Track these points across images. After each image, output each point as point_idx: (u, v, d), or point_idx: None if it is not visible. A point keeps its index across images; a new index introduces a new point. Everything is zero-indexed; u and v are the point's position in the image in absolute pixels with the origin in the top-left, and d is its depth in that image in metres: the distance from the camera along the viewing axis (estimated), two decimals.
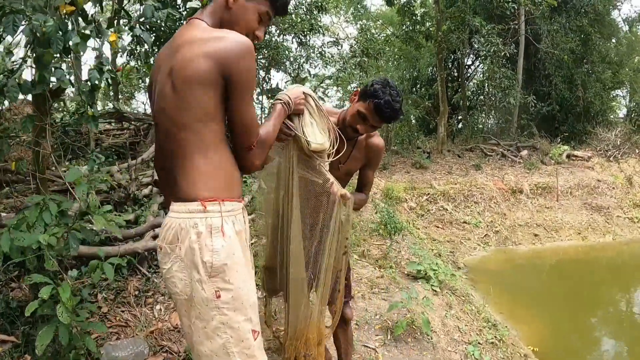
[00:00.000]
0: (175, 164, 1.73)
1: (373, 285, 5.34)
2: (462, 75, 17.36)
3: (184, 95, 1.65)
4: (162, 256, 1.75)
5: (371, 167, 2.90)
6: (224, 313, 1.67)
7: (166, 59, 1.76)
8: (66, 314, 2.54)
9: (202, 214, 1.66)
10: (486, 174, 12.17)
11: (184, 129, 1.68)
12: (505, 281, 7.61)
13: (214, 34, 1.71)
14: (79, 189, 2.87)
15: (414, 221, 9.35)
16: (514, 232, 9.86)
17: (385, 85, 2.53)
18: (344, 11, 21.42)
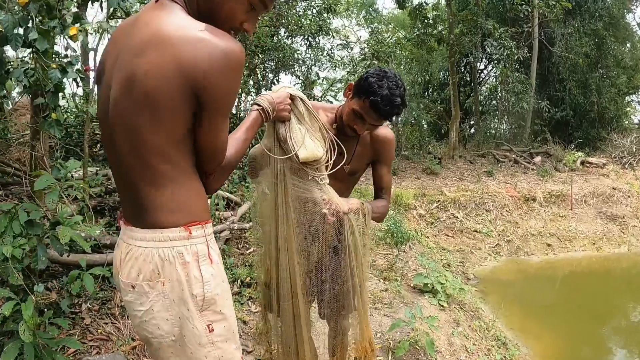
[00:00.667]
0: (143, 190, 1.41)
1: (376, 299, 5.11)
2: (475, 80, 17.07)
3: (151, 113, 1.32)
4: (136, 297, 1.44)
5: (384, 164, 2.55)
6: (218, 347, 1.48)
7: (127, 51, 1.37)
8: (28, 332, 2.40)
9: (186, 240, 1.41)
10: (498, 180, 11.89)
11: (155, 154, 1.36)
12: (516, 293, 7.33)
13: (192, 33, 1.31)
14: (49, 197, 2.69)
15: (423, 229, 9.11)
16: (526, 242, 9.55)
17: (381, 77, 2.18)
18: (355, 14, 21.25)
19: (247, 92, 11.40)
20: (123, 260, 1.46)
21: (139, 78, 1.31)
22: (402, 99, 2.20)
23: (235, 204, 6.62)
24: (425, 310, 4.92)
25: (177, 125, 1.35)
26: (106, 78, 1.46)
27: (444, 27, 15.61)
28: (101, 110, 1.49)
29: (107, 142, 1.49)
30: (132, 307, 1.46)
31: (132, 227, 1.45)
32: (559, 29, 15.44)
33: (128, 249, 1.45)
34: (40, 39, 2.67)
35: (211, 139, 1.42)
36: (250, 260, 5.17)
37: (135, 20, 1.44)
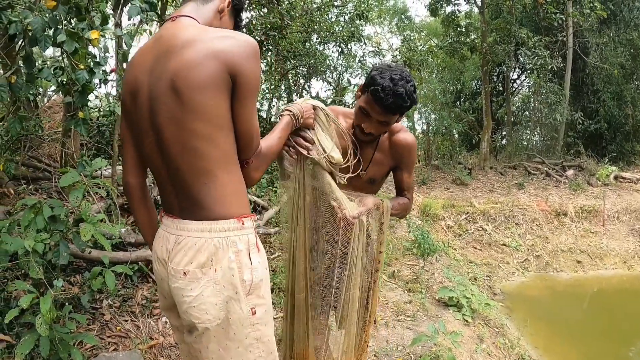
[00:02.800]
0: (195, 181, 1.57)
1: (399, 311, 5.05)
2: (507, 90, 16.85)
3: (197, 102, 1.50)
4: (187, 283, 1.57)
5: (404, 169, 2.51)
6: (257, 329, 1.64)
7: (158, 62, 1.57)
8: (45, 326, 2.47)
9: (239, 231, 1.59)
10: (529, 193, 11.68)
11: (206, 140, 1.54)
12: (543, 311, 7.15)
13: (217, 33, 1.58)
14: (73, 194, 2.77)
15: (451, 241, 8.98)
16: (555, 258, 9.32)
17: (384, 70, 2.17)
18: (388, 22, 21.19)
19: (278, 97, 11.46)
20: (173, 250, 1.61)
21: (180, 72, 1.50)
22: (408, 92, 2.14)
23: (262, 208, 6.62)
24: (449, 325, 4.84)
25: (221, 110, 1.54)
26: (143, 95, 1.61)
27: (476, 35, 15.50)
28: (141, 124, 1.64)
29: (152, 149, 1.64)
30: (182, 293, 1.58)
31: (183, 220, 1.61)
32: (594, 38, 15.16)
33: (178, 239, 1.60)
34: (69, 40, 2.74)
35: (247, 120, 1.61)
36: (273, 265, 5.16)
37: (158, 39, 1.65)
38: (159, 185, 1.72)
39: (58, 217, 2.74)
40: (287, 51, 9.86)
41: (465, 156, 15.36)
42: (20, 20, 2.60)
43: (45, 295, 2.57)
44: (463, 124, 16.03)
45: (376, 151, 2.43)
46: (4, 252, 2.63)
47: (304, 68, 11.39)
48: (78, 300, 3.39)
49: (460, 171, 12.85)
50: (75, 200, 2.79)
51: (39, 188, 5.21)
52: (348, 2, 11.55)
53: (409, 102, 2.15)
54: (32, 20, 2.59)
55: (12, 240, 2.62)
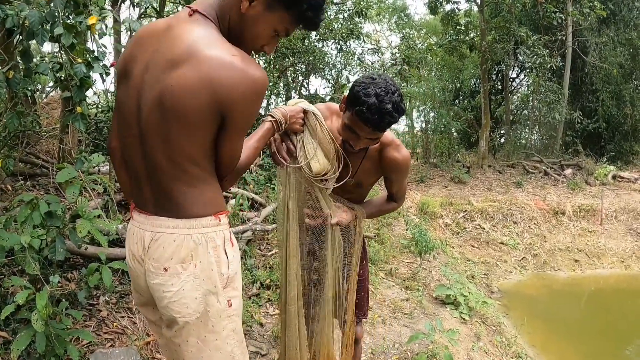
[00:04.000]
0: (176, 189, 1.56)
1: (396, 308, 5.05)
2: (506, 88, 16.84)
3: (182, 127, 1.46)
4: (167, 279, 1.57)
5: (394, 182, 2.46)
6: (233, 320, 1.67)
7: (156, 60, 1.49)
8: (41, 322, 2.47)
9: (216, 227, 1.61)
10: (527, 192, 11.69)
11: (189, 160, 1.52)
12: (540, 309, 7.16)
13: (224, 57, 1.43)
14: (69, 190, 2.77)
15: (449, 239, 8.99)
16: (553, 257, 9.33)
17: (367, 85, 2.02)
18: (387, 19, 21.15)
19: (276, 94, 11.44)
20: (150, 246, 1.60)
21: (170, 92, 1.43)
22: (395, 105, 2.01)
23: (260, 204, 6.61)
24: (446, 323, 4.84)
25: (206, 135, 1.50)
26: (134, 83, 1.56)
27: (476, 33, 15.46)
28: (127, 111, 1.59)
29: (132, 141, 1.60)
30: (162, 288, 1.59)
31: (160, 217, 1.59)
32: (593, 37, 15.13)
33: (155, 236, 1.59)
34: (66, 34, 2.73)
35: (230, 150, 1.59)
36: (271, 262, 5.16)
37: (167, 28, 1.54)
38: (133, 178, 1.69)
39: (55, 212, 2.74)
40: (286, 48, 9.85)
41: (464, 154, 15.36)
42: (16, 14, 2.59)
43: (41, 291, 2.57)
44: (462, 122, 16.00)
45: (364, 159, 2.36)
46: (0, 248, 2.60)
47: (302, 65, 11.37)
48: (75, 297, 3.38)
49: (458, 169, 12.85)
50: (72, 196, 2.79)
51: (37, 184, 5.20)
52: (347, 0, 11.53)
53: (397, 116, 2.04)
54: (29, 14, 2.59)
55: (8, 236, 2.62)
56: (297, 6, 1.53)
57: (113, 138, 1.77)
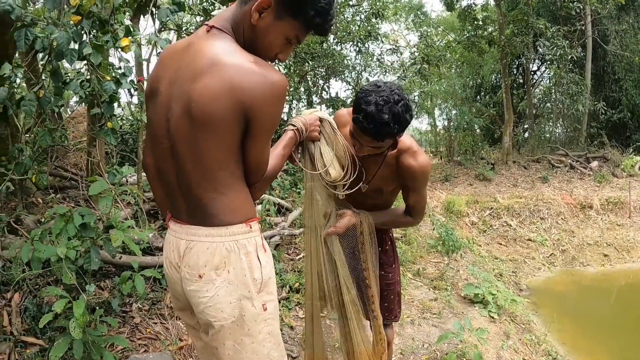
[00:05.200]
0: (207, 197, 1.62)
1: (425, 308, 5.06)
2: (528, 82, 16.71)
3: (210, 133, 1.53)
4: (202, 285, 1.63)
5: (411, 191, 2.38)
6: (269, 323, 1.71)
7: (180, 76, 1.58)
8: (78, 329, 2.55)
9: (247, 234, 1.66)
10: (553, 187, 11.57)
11: (218, 165, 1.59)
12: (570, 306, 7.08)
13: (244, 63, 1.52)
14: (102, 202, 2.86)
15: (475, 237, 8.95)
16: (581, 252, 9.23)
17: (370, 92, 2.02)
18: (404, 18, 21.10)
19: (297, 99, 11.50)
20: (185, 254, 1.66)
21: (196, 100, 1.50)
22: (396, 115, 1.98)
23: (286, 209, 6.68)
24: (474, 322, 4.83)
25: (232, 140, 1.56)
26: (161, 99, 1.64)
27: (494, 28, 15.35)
28: (157, 126, 1.68)
29: (163, 154, 1.69)
30: (198, 294, 1.64)
31: (193, 226, 1.66)
32: (613, 25, 14.93)
33: (190, 245, 1.65)
34: (95, 53, 2.83)
35: (257, 156, 1.64)
36: (299, 266, 5.21)
37: (187, 46, 1.65)
38: (166, 188, 1.77)
39: (89, 224, 2.82)
40: (305, 53, 9.90)
41: (488, 151, 15.24)
42: (46, 36, 2.68)
43: (78, 299, 2.65)
44: (484, 118, 15.91)
45: (382, 166, 2.35)
46: (37, 259, 2.69)
47: (322, 69, 11.42)
48: (108, 305, 3.46)
49: (483, 166, 12.77)
50: (105, 208, 2.87)
51: (67, 197, 5.31)
52: (363, 1, 11.54)
53: (396, 127, 2.01)
54: (58, 35, 2.68)
55: (44, 247, 2.70)
56: (304, 14, 1.60)
57: (147, 155, 1.86)
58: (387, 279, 2.69)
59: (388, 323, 2.74)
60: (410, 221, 2.52)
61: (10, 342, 3.03)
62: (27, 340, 3.10)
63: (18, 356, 2.99)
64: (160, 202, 1.91)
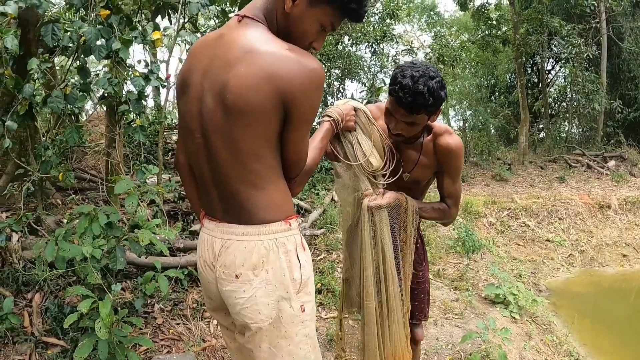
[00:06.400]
0: (244, 193, 1.57)
1: (447, 309, 5.04)
2: (543, 81, 16.60)
3: (247, 123, 1.48)
4: (239, 285, 1.59)
5: (446, 175, 2.37)
6: (307, 325, 1.67)
7: (213, 66, 1.54)
8: (104, 330, 2.55)
9: (287, 232, 1.61)
10: (571, 187, 11.47)
11: (253, 157, 1.53)
12: (590, 307, 7.05)
13: (279, 51, 1.47)
14: (128, 200, 2.86)
15: (494, 238, 8.88)
16: (600, 252, 9.15)
17: (407, 67, 2.07)
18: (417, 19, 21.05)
19: None
20: (220, 254, 1.61)
21: (232, 89, 1.45)
22: (431, 89, 2.02)
23: (305, 210, 6.69)
24: (497, 322, 4.80)
25: (270, 130, 1.51)
26: (194, 92, 1.59)
27: (508, 27, 15.28)
28: (190, 120, 1.63)
29: (197, 149, 1.63)
30: (234, 295, 1.60)
31: (229, 224, 1.61)
32: (628, 22, 14.79)
33: (226, 243, 1.60)
34: (123, 48, 2.84)
35: (296, 147, 1.59)
36: (321, 267, 5.21)
37: (219, 37, 1.60)
38: (201, 185, 1.72)
39: (114, 223, 2.83)
40: (320, 54, 9.91)
41: (504, 151, 15.12)
42: (75, 30, 2.68)
43: (103, 299, 2.64)
44: (499, 118, 15.84)
45: (421, 154, 2.35)
46: (62, 258, 2.70)
47: (337, 70, 11.41)
48: (131, 305, 3.48)
49: (499, 167, 12.69)
50: (131, 207, 2.87)
51: (86, 198, 5.38)
52: (377, 2, 11.53)
53: (431, 99, 2.04)
54: (86, 30, 2.70)
55: (69, 247, 2.70)
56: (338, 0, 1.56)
57: (179, 153, 1.82)
58: (418, 277, 2.65)
59: (418, 322, 2.73)
60: (446, 211, 2.43)
61: (31, 343, 3.05)
62: (48, 341, 3.11)
63: (39, 357, 3.00)
64: (194, 201, 1.87)
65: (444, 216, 2.45)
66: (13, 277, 3.48)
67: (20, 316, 3.20)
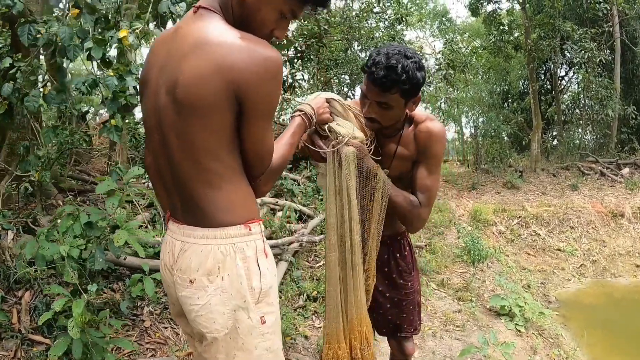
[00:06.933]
0: (200, 193, 1.48)
1: (448, 321, 4.89)
2: (556, 87, 16.41)
3: (198, 119, 1.39)
4: (194, 291, 1.49)
5: (423, 162, 2.17)
6: (268, 338, 1.55)
7: (168, 61, 1.46)
8: (77, 329, 2.53)
9: (246, 237, 1.50)
10: (583, 195, 11.23)
11: (208, 156, 1.43)
12: (601, 319, 6.79)
13: (232, 40, 1.38)
14: (109, 201, 2.82)
15: (503, 247, 8.70)
16: (613, 262, 8.89)
17: (382, 47, 2.00)
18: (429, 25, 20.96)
19: None
20: (178, 257, 1.53)
21: (182, 83, 1.37)
22: (405, 67, 1.92)
23: (307, 216, 6.60)
24: (500, 335, 4.66)
25: (225, 126, 1.41)
26: (151, 89, 1.53)
27: (520, 32, 15.19)
28: (148, 118, 1.57)
29: (157, 148, 1.55)
30: (189, 301, 1.51)
31: (189, 226, 1.52)
32: None
33: (184, 246, 1.51)
34: (96, 48, 2.84)
35: (256, 143, 1.49)
36: (318, 274, 5.11)
37: (175, 31, 1.53)
38: (164, 185, 1.63)
39: (95, 223, 2.80)
40: (329, 60, 9.87)
41: (516, 159, 14.99)
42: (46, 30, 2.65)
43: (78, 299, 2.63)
44: (512, 125, 15.67)
45: (399, 145, 2.21)
46: (41, 257, 2.69)
47: (346, 76, 11.36)
48: (119, 306, 3.46)
49: (510, 174, 12.54)
50: (111, 208, 2.83)
51: (87, 199, 5.45)
52: (388, 8, 11.49)
53: (404, 76, 1.92)
54: (60, 30, 2.67)
55: (49, 245, 2.69)
56: None
57: (146, 153, 1.73)
58: (407, 288, 2.50)
59: (408, 336, 2.57)
60: (415, 205, 2.17)
61: (17, 340, 3.06)
62: (34, 338, 3.13)
63: (24, 354, 3.02)
64: (162, 202, 1.75)
65: (411, 209, 2.18)
66: (5, 274, 3.49)
67: (9, 313, 3.24)
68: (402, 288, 2.49)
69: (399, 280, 2.48)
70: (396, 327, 2.53)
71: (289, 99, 10.47)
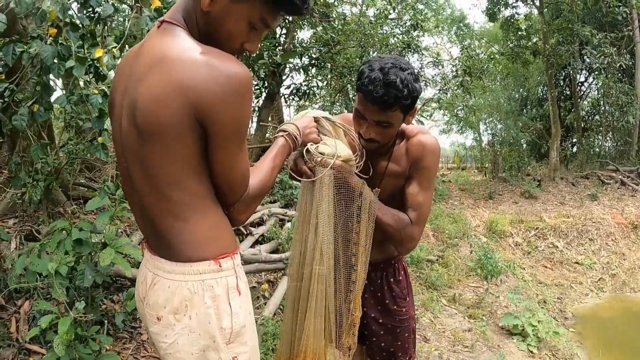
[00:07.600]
0: (164, 224, 1.36)
1: (456, 340, 4.73)
2: (575, 93, 16.09)
3: (159, 145, 1.26)
4: (161, 329, 1.39)
5: (415, 177, 2.04)
6: None
7: (129, 82, 1.34)
8: (62, 347, 2.50)
9: (216, 273, 1.37)
10: (603, 205, 10.92)
11: (171, 184, 1.31)
12: (619, 337, 6.51)
13: (193, 56, 1.25)
14: (100, 218, 2.82)
15: (519, 260, 8.49)
16: (633, 276, 8.58)
17: (374, 61, 1.85)
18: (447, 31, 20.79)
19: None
20: (149, 290, 1.43)
21: (140, 106, 1.26)
22: (404, 80, 1.79)
23: None
24: (510, 357, 4.50)
25: (189, 153, 1.29)
26: (116, 113, 1.41)
27: (538, 38, 14.97)
28: (116, 145, 1.45)
29: (125, 176, 1.45)
30: (158, 338, 1.42)
31: (159, 258, 1.41)
32: None
33: (155, 279, 1.42)
34: (78, 66, 2.78)
35: (225, 169, 1.35)
36: None
37: (140, 48, 1.40)
38: (137, 211, 1.51)
39: (85, 240, 2.76)
40: (343, 67, 9.77)
41: (534, 167, 14.71)
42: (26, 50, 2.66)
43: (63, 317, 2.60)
44: (530, 132, 15.42)
45: (390, 162, 2.08)
46: (32, 273, 2.69)
47: None
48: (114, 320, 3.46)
49: (528, 183, 12.31)
50: (101, 225, 2.81)
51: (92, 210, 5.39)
52: (403, 14, 11.36)
53: (405, 91, 1.79)
54: (43, 49, 2.64)
55: (39, 261, 2.68)
56: None
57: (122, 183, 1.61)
58: (401, 314, 2.36)
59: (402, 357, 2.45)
60: (406, 224, 2.02)
61: (15, 349, 3.06)
62: (31, 348, 3.11)
63: None
64: (140, 228, 1.60)
65: (401, 228, 2.01)
66: (5, 283, 3.44)
67: (8, 322, 3.25)
68: (396, 314, 2.35)
69: (392, 306, 2.34)
70: (390, 355, 2.40)
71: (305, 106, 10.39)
